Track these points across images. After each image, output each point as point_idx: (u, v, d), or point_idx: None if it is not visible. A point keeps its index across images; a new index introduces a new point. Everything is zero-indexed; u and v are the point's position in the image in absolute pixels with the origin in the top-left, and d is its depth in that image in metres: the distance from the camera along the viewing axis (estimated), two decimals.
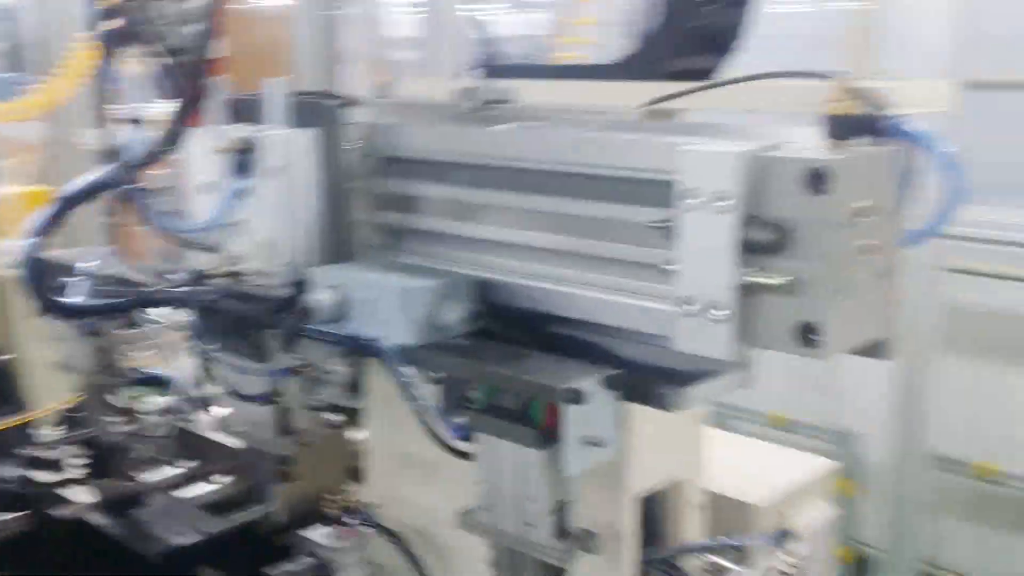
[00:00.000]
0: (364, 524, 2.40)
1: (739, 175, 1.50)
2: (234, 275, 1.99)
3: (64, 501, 2.68)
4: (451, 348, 1.83)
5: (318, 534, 2.39)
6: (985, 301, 5.03)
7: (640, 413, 1.80)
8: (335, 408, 2.78)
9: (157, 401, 3.18)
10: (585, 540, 1.76)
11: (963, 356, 4.94)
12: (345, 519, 2.39)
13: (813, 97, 1.64)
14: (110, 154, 2.12)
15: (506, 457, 1.75)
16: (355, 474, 2.73)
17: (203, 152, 2.05)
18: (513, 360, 1.76)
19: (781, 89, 1.93)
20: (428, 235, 2.04)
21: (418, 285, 1.82)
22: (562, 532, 1.75)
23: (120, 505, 2.57)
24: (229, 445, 2.91)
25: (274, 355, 2.09)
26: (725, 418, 5.22)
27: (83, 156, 2.71)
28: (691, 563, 2.36)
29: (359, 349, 1.89)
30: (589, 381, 1.64)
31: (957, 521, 5.08)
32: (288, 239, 2.00)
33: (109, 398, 2.79)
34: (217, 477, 2.95)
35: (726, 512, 2.55)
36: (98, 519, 2.55)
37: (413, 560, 2.41)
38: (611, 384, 1.68)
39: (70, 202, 2.14)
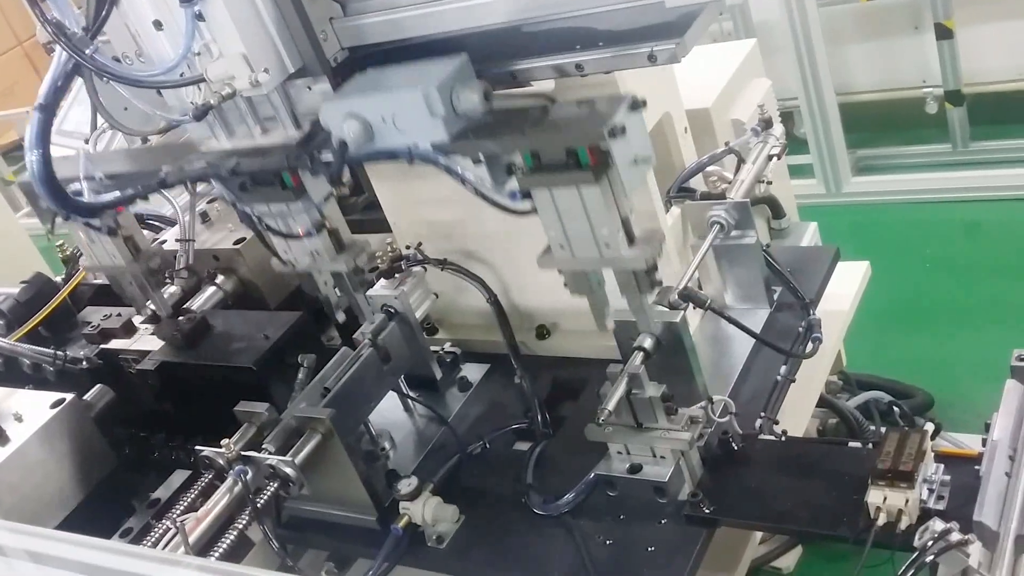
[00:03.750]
0: (414, 264, 2.63)
1: None
2: (228, 96, 2.01)
3: (142, 354, 2.84)
4: (483, 129, 1.89)
5: (380, 288, 2.60)
6: None
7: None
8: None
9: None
10: (652, 236, 1.95)
11: None
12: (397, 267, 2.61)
13: None
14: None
15: (565, 200, 1.89)
16: None
17: None
18: (541, 118, 1.85)
19: None
20: None
21: (434, 84, 1.85)
22: (632, 240, 1.93)
23: (192, 336, 2.73)
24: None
25: (310, 187, 2.16)
26: None
27: None
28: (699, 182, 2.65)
29: (397, 158, 1.96)
30: (622, 114, 1.77)
31: (848, 46, 5.44)
32: (258, 46, 2.00)
33: None
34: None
35: (691, 123, 2.81)
36: (182, 356, 2.72)
37: (464, 272, 2.66)
38: (634, 107, 1.80)
39: (48, 109, 2.07)
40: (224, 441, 2.19)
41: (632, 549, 2.10)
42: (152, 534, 2.20)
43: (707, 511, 2.08)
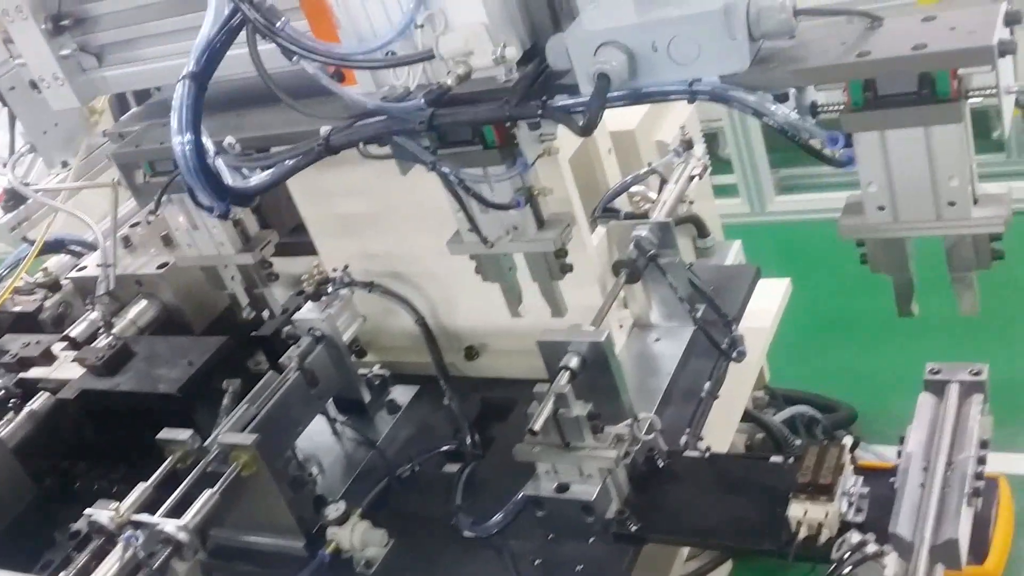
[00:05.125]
0: (340, 287, 2.61)
1: None
2: (465, 77, 1.65)
3: (62, 383, 2.77)
4: (792, 56, 1.53)
5: (307, 312, 2.58)
6: None
7: None
8: None
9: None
10: (1002, 196, 1.58)
11: None
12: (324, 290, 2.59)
13: None
14: None
15: (904, 144, 1.52)
16: None
17: None
18: (868, 38, 1.48)
19: None
20: None
21: None
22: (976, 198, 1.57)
23: (113, 363, 2.68)
24: None
25: (521, 148, 1.82)
26: None
27: None
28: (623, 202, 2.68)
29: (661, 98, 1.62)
30: (1002, 28, 1.40)
31: None
32: (500, 15, 1.67)
33: None
34: None
35: (616, 145, 2.85)
36: (104, 384, 2.66)
37: (392, 294, 2.66)
38: (1014, 19, 1.44)
39: (201, 77, 1.67)
40: (114, 504, 2.12)
41: (561, 568, 2.10)
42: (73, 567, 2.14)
43: (634, 528, 2.09)
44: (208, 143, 1.77)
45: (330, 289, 2.62)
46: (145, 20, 2.26)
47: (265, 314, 2.56)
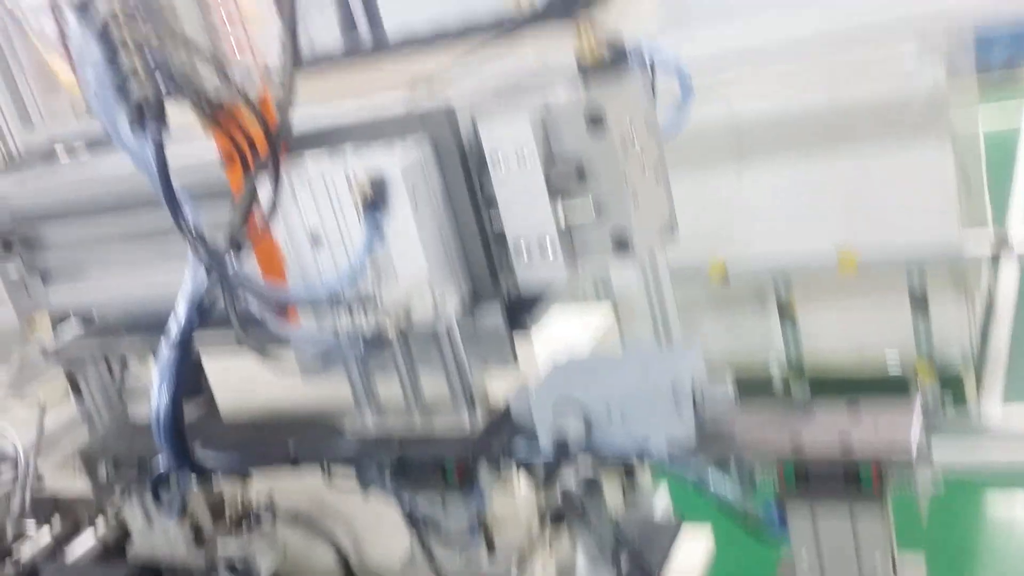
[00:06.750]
0: (263, 516, 2.56)
1: (535, 131, 1.67)
2: (406, 327, 1.75)
3: None
4: (733, 434, 1.70)
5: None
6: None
7: None
8: None
9: None
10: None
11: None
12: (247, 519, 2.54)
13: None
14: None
15: (830, 521, 1.68)
16: None
17: (305, 199, 1.75)
18: (801, 423, 1.67)
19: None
20: None
21: (684, 376, 1.67)
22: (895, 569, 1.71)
23: None
24: None
25: (480, 483, 1.90)
26: None
27: None
28: None
29: (620, 458, 1.76)
30: (919, 432, 1.62)
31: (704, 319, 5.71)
32: (440, 270, 1.76)
33: None
34: None
35: None
36: None
37: (315, 528, 2.61)
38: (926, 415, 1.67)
39: (185, 345, 1.71)
40: None
41: None
42: None
43: None
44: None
45: (252, 519, 2.56)
46: (93, 247, 2.32)
47: None
